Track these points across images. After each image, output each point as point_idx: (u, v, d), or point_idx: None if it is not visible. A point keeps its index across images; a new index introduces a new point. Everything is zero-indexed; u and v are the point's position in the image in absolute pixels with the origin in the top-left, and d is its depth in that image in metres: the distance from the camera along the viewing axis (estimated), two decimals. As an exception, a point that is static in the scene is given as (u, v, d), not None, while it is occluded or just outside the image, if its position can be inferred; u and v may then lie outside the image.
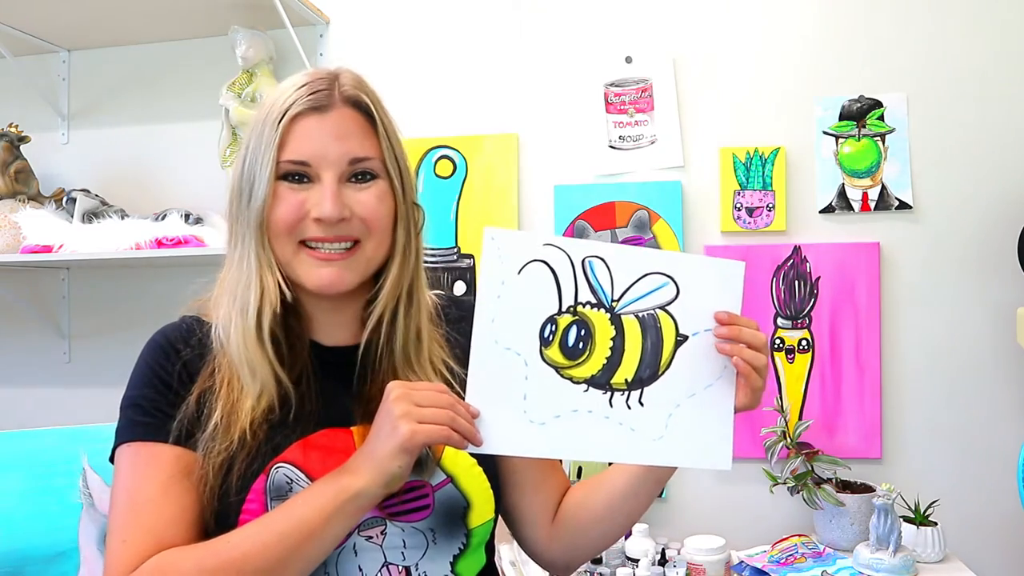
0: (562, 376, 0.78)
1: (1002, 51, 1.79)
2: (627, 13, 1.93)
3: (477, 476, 0.87)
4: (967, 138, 1.80)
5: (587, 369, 0.79)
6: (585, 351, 0.79)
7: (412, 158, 2.05)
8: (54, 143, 2.21)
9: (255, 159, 0.84)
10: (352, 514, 0.75)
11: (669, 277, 0.81)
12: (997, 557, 1.75)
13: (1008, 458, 1.72)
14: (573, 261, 0.79)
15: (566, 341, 0.78)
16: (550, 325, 0.78)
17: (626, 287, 0.80)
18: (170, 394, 0.84)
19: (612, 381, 0.79)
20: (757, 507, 1.83)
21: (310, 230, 0.84)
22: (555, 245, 0.79)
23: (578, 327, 0.79)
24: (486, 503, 0.87)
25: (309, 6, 1.96)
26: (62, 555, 1.30)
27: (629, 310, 0.80)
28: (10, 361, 2.23)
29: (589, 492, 0.97)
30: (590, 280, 0.79)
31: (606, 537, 0.97)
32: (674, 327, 0.81)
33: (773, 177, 1.84)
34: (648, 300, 0.81)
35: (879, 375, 1.80)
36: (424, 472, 0.84)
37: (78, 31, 2.10)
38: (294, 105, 0.83)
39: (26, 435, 1.38)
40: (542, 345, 0.78)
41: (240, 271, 0.85)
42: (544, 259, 0.78)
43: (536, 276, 0.78)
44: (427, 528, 0.84)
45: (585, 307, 0.79)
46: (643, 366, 0.80)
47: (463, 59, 2.00)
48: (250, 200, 0.84)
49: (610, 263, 0.80)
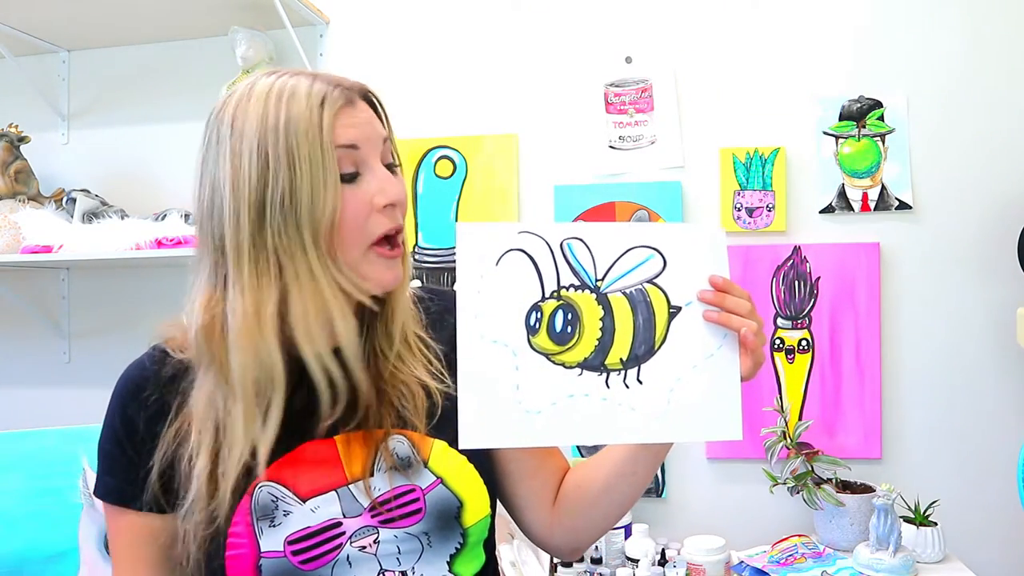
0: (554, 362, 0.76)
1: (1002, 51, 1.79)
2: (627, 13, 1.93)
3: (468, 474, 0.86)
4: (967, 138, 1.80)
5: (579, 352, 0.77)
6: (574, 335, 0.77)
7: (412, 158, 2.06)
8: (54, 143, 2.21)
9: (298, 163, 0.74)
10: None
11: (653, 249, 0.79)
12: (997, 557, 1.75)
13: (1008, 458, 1.72)
14: (551, 245, 0.77)
15: (553, 327, 0.76)
16: (535, 313, 0.76)
17: (609, 265, 0.78)
18: (136, 450, 0.82)
19: (606, 362, 0.77)
20: (757, 507, 1.83)
21: (378, 224, 0.79)
22: (530, 232, 0.77)
23: (564, 311, 0.77)
24: (480, 500, 0.85)
25: (309, 6, 1.96)
26: (62, 555, 1.30)
27: (615, 288, 0.78)
28: (10, 361, 2.23)
29: (587, 473, 0.95)
30: (571, 262, 0.77)
31: (607, 518, 0.95)
32: (665, 300, 0.79)
33: (773, 177, 1.84)
34: (634, 275, 0.78)
35: (879, 375, 1.80)
36: (412, 476, 0.82)
37: (78, 31, 2.10)
38: (328, 98, 0.77)
39: (26, 435, 1.38)
40: (529, 334, 0.76)
41: (297, 295, 0.76)
42: (521, 248, 0.76)
43: (515, 266, 0.76)
44: (421, 532, 0.82)
45: (569, 290, 0.77)
46: (637, 343, 0.78)
47: (463, 59, 2.00)
48: (300, 208, 0.74)
49: (589, 243, 0.78)
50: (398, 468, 0.82)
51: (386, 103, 0.89)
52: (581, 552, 1.00)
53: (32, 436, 1.38)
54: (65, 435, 1.38)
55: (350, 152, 0.78)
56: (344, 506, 0.81)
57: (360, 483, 0.81)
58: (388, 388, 0.85)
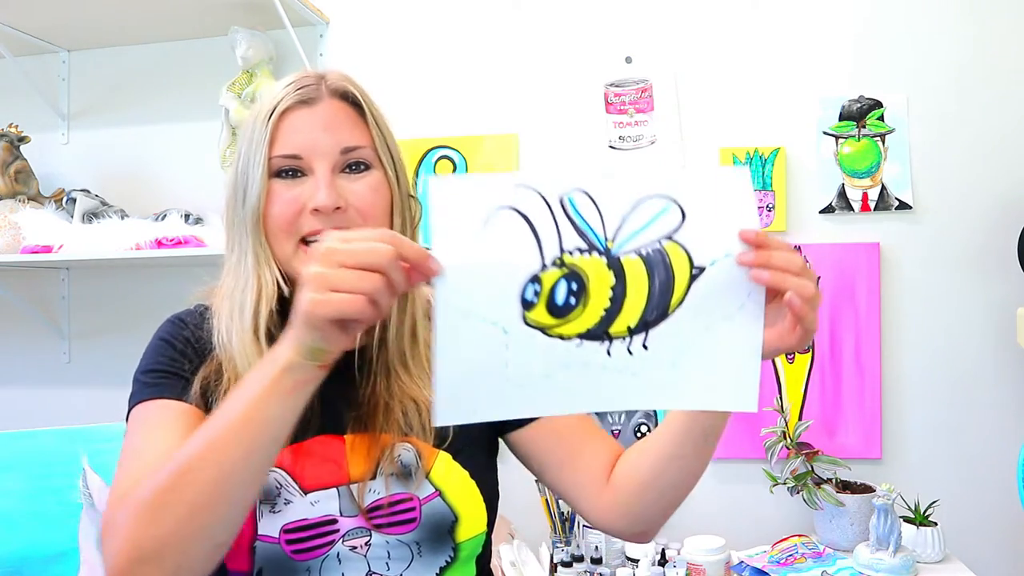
0: (550, 335, 0.65)
1: (1002, 51, 1.79)
2: (627, 13, 1.93)
3: (468, 490, 0.86)
4: (967, 138, 1.80)
5: (581, 324, 0.65)
6: (578, 306, 0.65)
7: (412, 158, 2.06)
8: (54, 143, 2.21)
9: (248, 159, 0.84)
10: (289, 391, 0.66)
11: (670, 199, 0.66)
12: (997, 557, 1.75)
13: (1008, 458, 1.72)
14: (549, 202, 0.64)
15: (554, 300, 0.64)
16: (533, 285, 0.64)
17: (620, 221, 0.65)
18: (185, 361, 0.85)
19: (611, 331, 0.66)
20: (757, 507, 1.83)
21: (308, 224, 0.82)
22: (524, 185, 0.64)
23: (568, 281, 0.64)
24: (476, 517, 0.86)
25: (309, 6, 1.96)
26: (62, 555, 1.29)
27: (629, 248, 0.66)
28: (10, 361, 2.23)
29: (636, 457, 0.89)
30: (574, 220, 0.65)
31: (663, 503, 0.87)
32: (687, 259, 0.66)
33: (773, 177, 1.84)
34: (650, 231, 0.66)
35: (879, 375, 1.80)
36: (411, 485, 0.83)
37: (78, 31, 2.10)
38: (282, 101, 0.83)
39: (26, 435, 1.38)
40: (524, 309, 0.64)
41: (238, 273, 0.85)
42: (513, 206, 0.63)
43: (506, 228, 0.63)
44: (412, 541, 0.82)
45: (574, 255, 0.64)
46: (650, 309, 0.66)
47: (463, 59, 2.00)
48: (244, 201, 0.84)
49: (595, 195, 0.65)
50: (399, 475, 0.83)
51: (384, 103, 0.89)
52: (649, 536, 0.94)
53: (32, 436, 1.38)
54: (65, 435, 1.38)
55: (291, 160, 0.83)
56: (342, 504, 0.82)
57: (357, 485, 0.82)
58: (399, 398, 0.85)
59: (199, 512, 0.66)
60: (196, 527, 0.66)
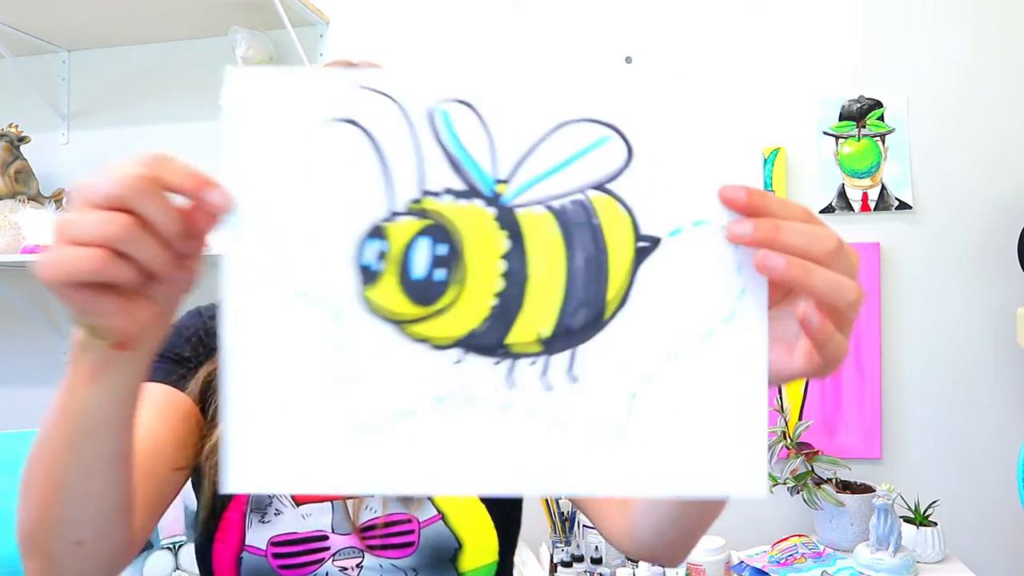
0: (409, 336, 0.42)
1: (1003, 51, 1.79)
2: (627, 13, 1.93)
3: (475, 514, 0.78)
4: (967, 138, 1.80)
5: (457, 320, 0.42)
6: (449, 285, 0.42)
7: (412, 158, 2.05)
8: (54, 143, 2.21)
9: None
10: (88, 377, 0.51)
11: (608, 127, 0.42)
12: (997, 557, 1.75)
13: (1008, 458, 1.72)
14: (409, 115, 0.42)
15: (409, 268, 0.42)
16: (375, 242, 0.42)
17: (523, 153, 0.42)
18: (188, 348, 0.79)
19: (509, 341, 0.42)
20: (757, 507, 1.82)
21: None
22: (373, 89, 0.42)
23: (433, 240, 0.42)
24: (484, 546, 0.78)
25: (309, 6, 1.96)
26: (62, 555, 1.29)
27: (531, 198, 0.42)
28: (10, 361, 2.23)
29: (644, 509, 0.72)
30: (447, 146, 0.42)
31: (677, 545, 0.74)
32: (631, 224, 0.42)
33: (773, 177, 1.84)
34: (570, 175, 0.42)
35: (879, 375, 1.80)
36: (411, 505, 0.77)
37: (78, 31, 2.10)
38: None
39: (26, 435, 1.38)
40: (365, 282, 0.42)
41: None
42: (351, 118, 0.42)
43: (339, 152, 0.42)
44: (409, 567, 0.76)
45: (442, 198, 0.42)
46: (572, 304, 0.42)
47: (463, 59, 2.00)
48: None
49: (484, 111, 0.42)
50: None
51: None
52: (675, 563, 0.79)
53: (32, 436, 1.38)
54: (65, 435, 1.38)
55: None
56: (335, 520, 0.78)
57: (353, 501, 0.78)
58: None
59: (47, 506, 0.60)
60: (49, 522, 0.60)
